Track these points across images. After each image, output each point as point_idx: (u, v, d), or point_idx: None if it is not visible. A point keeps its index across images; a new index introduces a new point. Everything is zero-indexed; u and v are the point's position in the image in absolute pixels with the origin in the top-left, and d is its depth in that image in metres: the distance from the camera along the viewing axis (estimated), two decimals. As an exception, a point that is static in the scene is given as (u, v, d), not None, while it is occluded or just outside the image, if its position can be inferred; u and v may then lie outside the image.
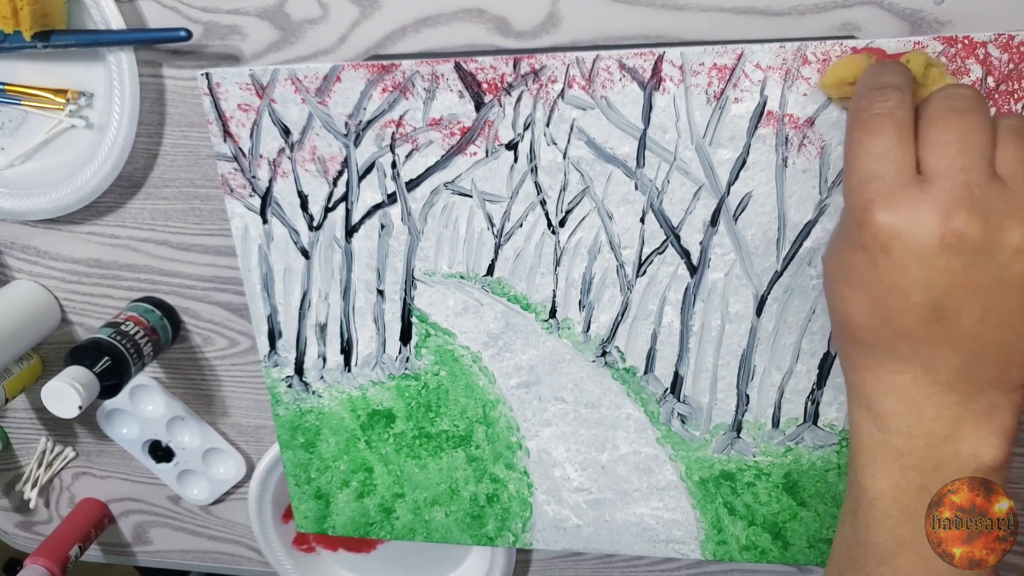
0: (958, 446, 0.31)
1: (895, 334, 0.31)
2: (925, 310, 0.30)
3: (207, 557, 0.75)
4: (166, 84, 0.53)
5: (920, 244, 0.29)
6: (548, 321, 0.47)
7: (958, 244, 0.29)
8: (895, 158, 0.30)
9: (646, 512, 0.50)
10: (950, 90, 0.31)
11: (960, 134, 0.29)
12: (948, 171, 0.29)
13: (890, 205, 0.29)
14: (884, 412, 0.32)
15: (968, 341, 0.30)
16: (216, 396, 0.65)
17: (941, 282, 0.29)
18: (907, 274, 0.30)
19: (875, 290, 0.31)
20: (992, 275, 0.29)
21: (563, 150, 0.42)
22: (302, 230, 0.47)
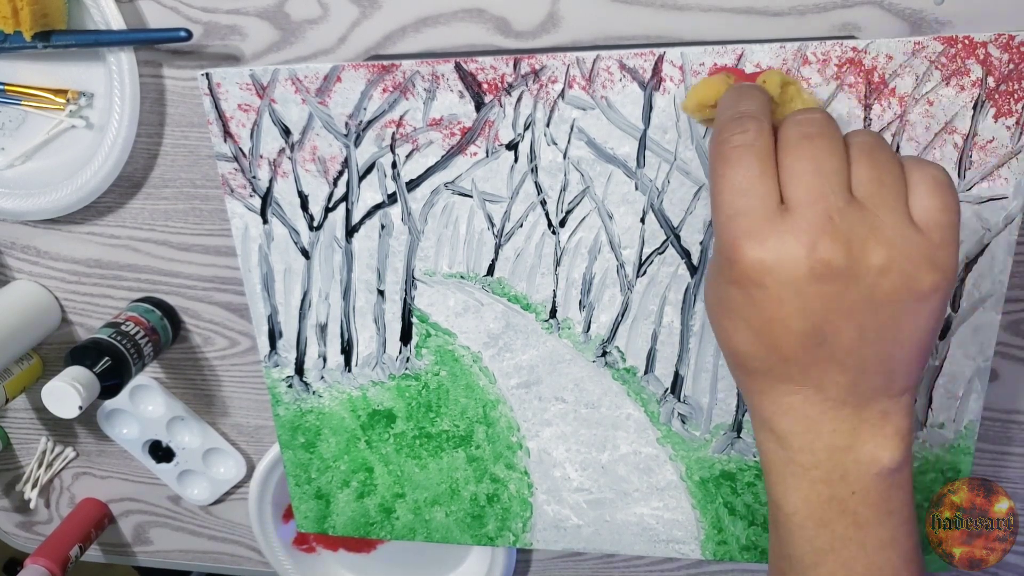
0: (858, 454, 0.32)
1: (782, 360, 0.32)
2: (806, 336, 0.31)
3: (207, 557, 0.75)
4: (166, 84, 0.53)
5: (791, 276, 0.30)
6: (548, 321, 0.47)
7: (827, 272, 0.29)
8: (757, 192, 0.30)
9: (646, 512, 0.50)
10: (801, 116, 0.32)
11: (814, 161, 0.30)
12: (807, 200, 0.30)
13: (757, 241, 0.30)
14: (784, 432, 0.33)
15: (852, 359, 0.31)
16: (216, 396, 0.65)
17: (817, 309, 0.30)
18: (783, 305, 0.30)
19: (755, 322, 0.31)
20: (863, 296, 0.30)
21: (563, 150, 0.42)
22: (302, 230, 0.47)
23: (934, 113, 0.38)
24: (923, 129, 0.39)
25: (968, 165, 0.39)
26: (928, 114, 0.38)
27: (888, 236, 0.29)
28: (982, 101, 0.38)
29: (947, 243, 0.30)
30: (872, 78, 0.38)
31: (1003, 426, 0.53)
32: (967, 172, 0.39)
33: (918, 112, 0.38)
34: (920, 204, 0.30)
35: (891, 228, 0.29)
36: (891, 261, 0.29)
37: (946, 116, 0.38)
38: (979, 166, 0.39)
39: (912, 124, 0.39)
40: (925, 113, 0.38)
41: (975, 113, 0.38)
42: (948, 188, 0.30)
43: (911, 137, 0.39)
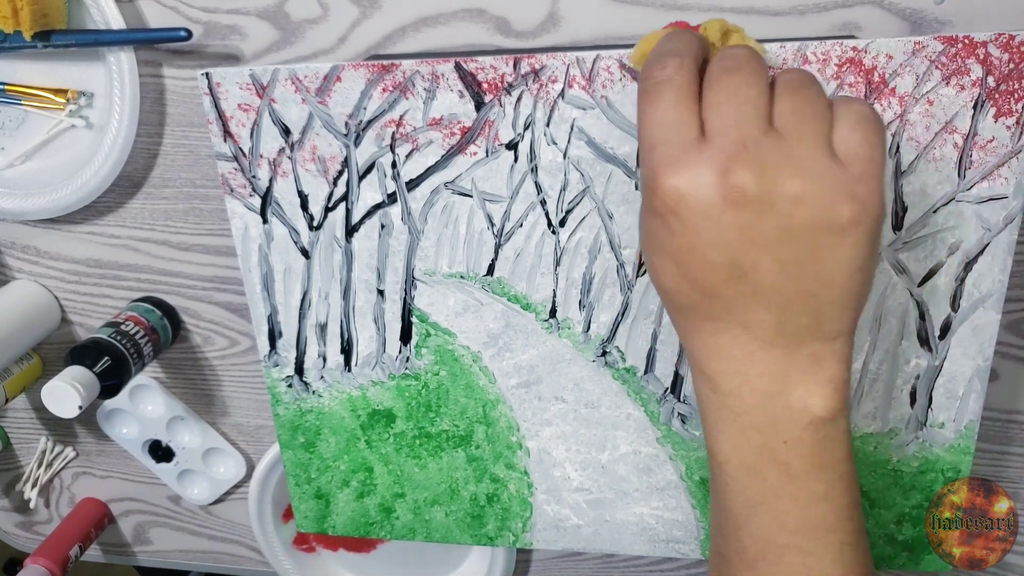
0: (788, 400, 0.31)
1: (704, 295, 0.31)
2: (724, 268, 0.30)
3: (207, 557, 0.75)
4: (166, 84, 0.53)
5: (704, 203, 0.29)
6: (548, 321, 0.47)
7: (739, 199, 0.29)
8: (675, 123, 0.30)
9: (646, 512, 0.50)
10: (725, 51, 0.32)
11: (732, 92, 0.30)
12: (723, 129, 0.29)
13: (673, 169, 0.30)
14: (714, 374, 0.33)
15: (774, 295, 0.30)
16: (216, 396, 0.65)
17: (732, 239, 0.30)
18: (699, 235, 0.30)
19: (676, 254, 0.31)
20: (778, 226, 0.29)
21: (563, 150, 0.42)
22: (302, 230, 0.47)
23: (934, 113, 0.38)
24: (923, 129, 0.39)
25: (968, 165, 0.39)
26: (928, 114, 0.38)
27: (804, 166, 0.29)
28: (982, 101, 0.38)
29: (868, 176, 0.29)
30: (872, 78, 0.38)
31: (1003, 426, 0.53)
32: (967, 172, 0.39)
33: (918, 112, 0.38)
34: (842, 137, 0.30)
35: (808, 159, 0.29)
36: (806, 191, 0.29)
37: (946, 116, 0.38)
38: (979, 166, 0.39)
39: (912, 124, 0.39)
40: (925, 113, 0.38)
41: (975, 113, 0.38)
42: (872, 122, 0.30)
43: (911, 136, 0.39)
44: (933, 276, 0.42)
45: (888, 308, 0.43)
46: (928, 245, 0.41)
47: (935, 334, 0.43)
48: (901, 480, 0.46)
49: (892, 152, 0.39)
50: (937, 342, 0.43)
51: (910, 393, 0.44)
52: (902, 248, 0.41)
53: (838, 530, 0.32)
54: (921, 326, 0.43)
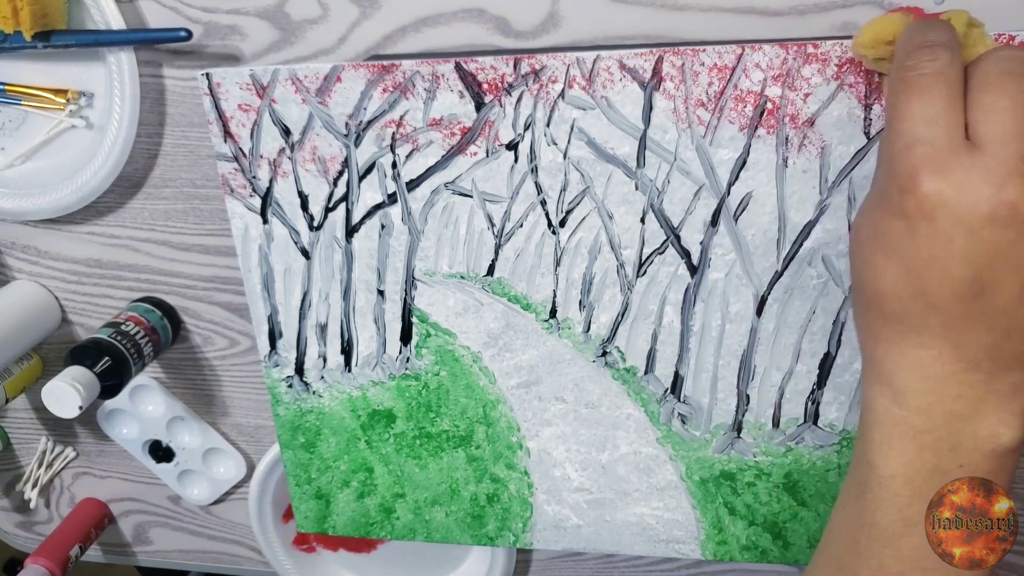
0: (977, 427, 0.30)
1: (927, 308, 0.30)
2: (963, 284, 0.29)
3: (207, 557, 0.75)
4: (166, 84, 0.53)
5: (968, 214, 0.28)
6: (548, 321, 0.47)
7: (1009, 216, 0.27)
8: (945, 122, 0.28)
9: (646, 512, 0.50)
10: (1005, 52, 0.30)
11: (1016, 100, 0.28)
12: (1003, 139, 0.28)
13: (939, 172, 0.28)
14: (905, 389, 0.31)
15: (1002, 318, 0.29)
16: (216, 396, 0.65)
17: (985, 255, 0.28)
18: (950, 245, 0.28)
19: (912, 260, 0.29)
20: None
21: (563, 150, 0.42)
22: (302, 230, 0.47)
23: (934, 113, 0.38)
24: (923, 129, 0.39)
25: (968, 165, 0.39)
26: (928, 114, 0.38)
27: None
28: (982, 101, 0.38)
29: None
30: (872, 78, 0.38)
31: (1003, 426, 0.53)
32: None
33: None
34: None
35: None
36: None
37: (946, 116, 0.38)
38: (979, 166, 0.39)
39: (912, 124, 0.39)
40: (925, 113, 0.38)
41: (975, 113, 0.38)
42: None
43: (911, 137, 0.39)
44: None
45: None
46: (928, 245, 0.41)
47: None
48: (901, 480, 0.46)
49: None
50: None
51: (910, 393, 0.44)
52: (902, 248, 0.41)
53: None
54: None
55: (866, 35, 0.35)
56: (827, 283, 0.43)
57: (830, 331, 0.44)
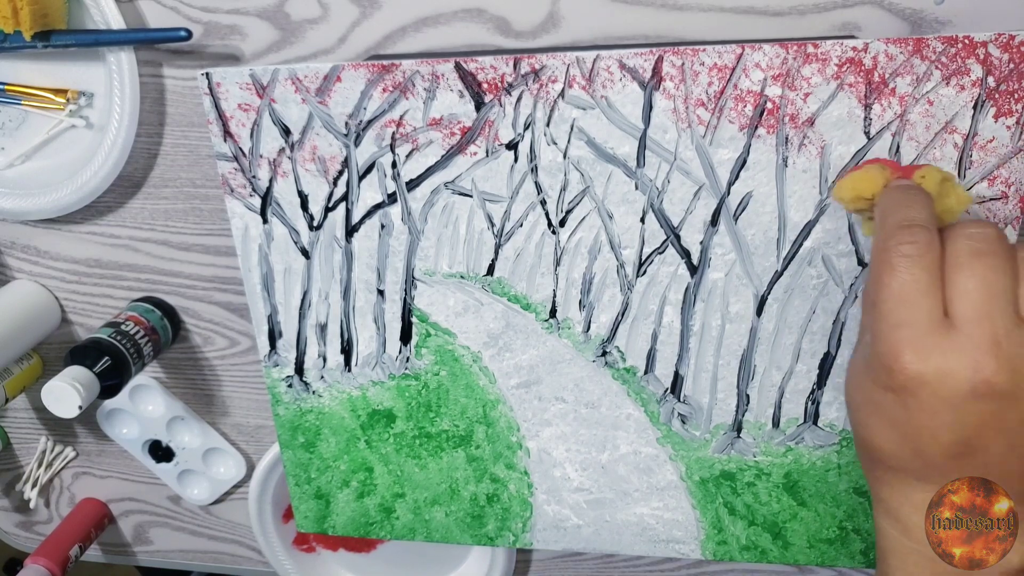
0: None
1: (925, 465, 0.32)
2: (953, 447, 0.31)
3: (207, 557, 0.75)
4: (166, 84, 0.53)
5: (950, 392, 0.30)
6: (548, 321, 0.47)
7: (988, 393, 0.29)
8: (925, 305, 0.30)
9: (646, 512, 0.50)
10: (972, 229, 0.31)
11: (984, 280, 0.30)
12: (975, 319, 0.30)
13: (919, 354, 0.30)
14: (911, 524, 0.33)
15: (996, 469, 0.31)
16: (216, 396, 0.65)
17: (971, 424, 0.30)
18: (936, 417, 0.30)
19: (904, 428, 0.32)
20: (1021, 416, 0.30)
21: (563, 150, 0.42)
22: (302, 230, 0.47)
23: (934, 113, 0.38)
24: (923, 129, 0.39)
25: (968, 165, 0.39)
26: (928, 114, 0.38)
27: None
28: (982, 101, 0.38)
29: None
30: (872, 78, 0.38)
31: (1003, 426, 0.53)
32: (967, 172, 0.39)
33: (918, 112, 0.38)
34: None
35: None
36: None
37: (946, 116, 0.38)
38: (979, 166, 0.39)
39: (912, 124, 0.39)
40: (925, 113, 0.38)
41: (975, 113, 0.38)
42: None
43: (911, 137, 0.39)
44: (933, 276, 0.42)
45: (888, 308, 0.43)
46: (928, 245, 0.41)
47: (935, 334, 0.43)
48: (901, 480, 0.46)
49: (892, 152, 0.39)
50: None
51: (910, 393, 0.44)
52: (902, 248, 0.41)
53: None
54: (921, 326, 0.43)
55: (845, 192, 0.37)
56: (827, 283, 0.43)
57: (830, 331, 0.44)
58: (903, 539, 0.34)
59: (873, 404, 0.33)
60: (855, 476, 0.47)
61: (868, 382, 0.33)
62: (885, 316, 0.31)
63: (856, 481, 0.47)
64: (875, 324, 0.32)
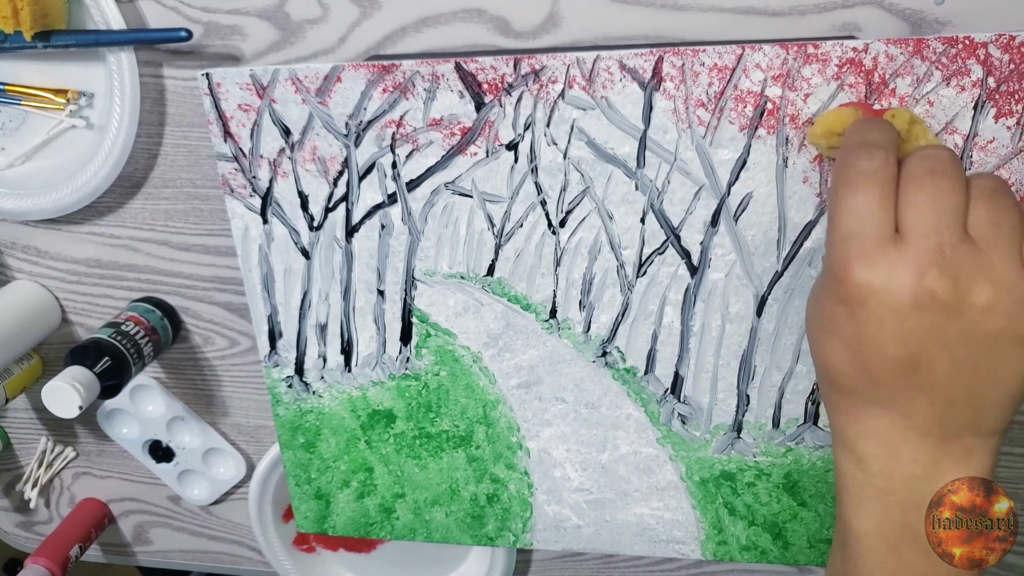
0: (936, 486, 0.33)
1: (873, 382, 0.33)
2: (900, 362, 0.32)
3: (207, 557, 0.75)
4: (166, 84, 0.53)
5: (895, 301, 0.31)
6: (548, 321, 0.47)
7: (930, 302, 0.30)
8: (875, 217, 0.31)
9: (646, 512, 0.50)
10: (928, 151, 0.33)
11: (934, 196, 0.31)
12: (922, 231, 0.31)
13: (867, 263, 0.31)
14: (865, 455, 0.34)
15: (942, 391, 0.32)
16: (216, 396, 0.65)
17: (915, 336, 0.31)
18: (883, 328, 0.31)
19: (853, 341, 0.32)
20: (963, 331, 0.31)
21: (563, 150, 0.42)
22: (302, 230, 0.47)
23: (934, 113, 0.38)
24: (923, 129, 0.39)
25: (968, 165, 0.39)
26: (928, 114, 0.38)
27: (997, 276, 0.30)
28: (982, 101, 0.38)
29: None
30: (872, 78, 0.38)
31: (1003, 426, 0.53)
32: (967, 172, 0.39)
33: (918, 112, 0.38)
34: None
35: (1001, 270, 0.30)
36: (996, 301, 0.30)
37: (946, 116, 0.38)
38: (979, 166, 0.39)
39: (912, 124, 0.39)
40: (925, 113, 0.38)
41: (975, 113, 0.38)
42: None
43: (911, 137, 0.39)
44: (933, 276, 0.42)
45: (888, 308, 0.43)
46: (928, 245, 0.41)
47: (935, 334, 0.43)
48: (901, 480, 0.46)
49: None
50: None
51: (910, 393, 0.44)
52: (902, 248, 0.41)
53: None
54: (921, 326, 0.43)
55: (819, 127, 0.38)
56: (827, 283, 0.43)
57: (830, 331, 0.44)
58: (857, 472, 0.34)
59: (825, 318, 0.33)
60: (855, 476, 0.47)
61: (823, 297, 0.34)
62: (838, 228, 0.32)
63: (856, 481, 0.47)
64: (829, 237, 0.33)
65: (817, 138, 0.38)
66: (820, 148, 0.39)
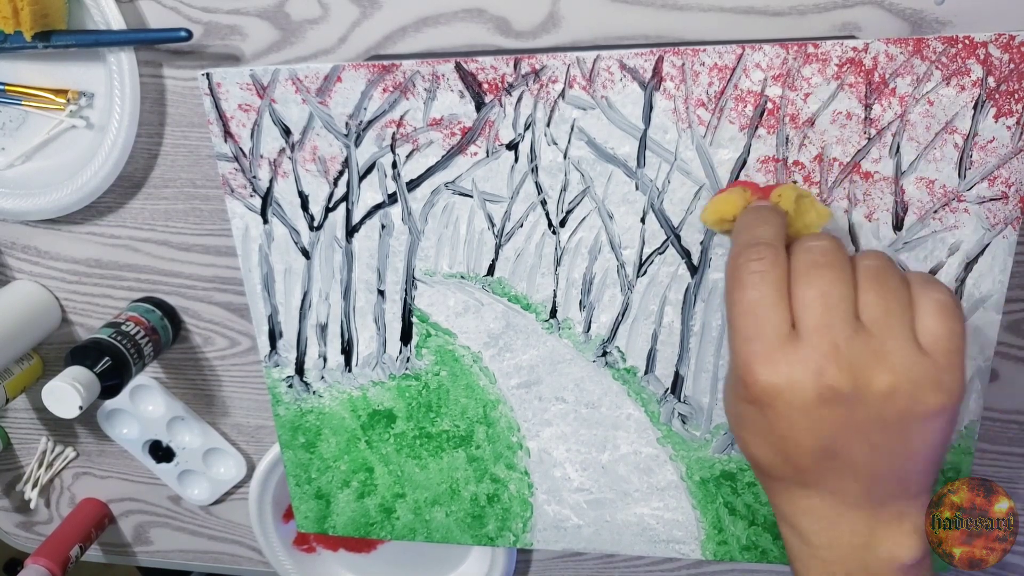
0: (877, 552, 0.34)
1: (797, 470, 0.34)
2: (818, 452, 0.32)
3: (207, 557, 0.75)
4: (166, 84, 0.53)
5: (799, 400, 0.31)
6: (549, 321, 0.47)
7: (833, 397, 0.31)
8: (771, 319, 0.32)
9: (647, 512, 0.50)
10: (810, 243, 0.33)
11: (822, 291, 0.32)
12: (815, 328, 0.31)
13: (768, 365, 0.32)
14: (806, 531, 0.35)
15: (865, 470, 0.33)
16: (216, 396, 0.65)
17: (827, 429, 0.32)
18: (794, 425, 0.32)
19: (770, 438, 0.33)
20: (871, 417, 0.31)
21: (564, 150, 0.42)
22: (303, 230, 0.47)
23: (934, 113, 0.38)
24: (923, 129, 0.39)
25: (968, 165, 0.39)
26: (928, 114, 0.38)
27: (893, 362, 0.31)
28: (982, 101, 0.38)
29: (952, 367, 0.31)
30: (872, 78, 0.38)
31: (1003, 426, 0.53)
32: (967, 172, 0.39)
33: (918, 112, 0.38)
34: (926, 329, 0.31)
35: (897, 354, 0.31)
36: (897, 386, 0.31)
37: (946, 116, 0.38)
38: (979, 166, 0.39)
39: (912, 124, 0.39)
40: (925, 113, 0.39)
41: (975, 113, 0.38)
42: (953, 312, 0.32)
43: (911, 137, 0.39)
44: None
45: (888, 308, 0.43)
46: (928, 246, 0.41)
47: (935, 334, 0.43)
48: (901, 480, 0.46)
49: (892, 153, 0.39)
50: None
51: (910, 393, 0.44)
52: (902, 248, 0.41)
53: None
54: (921, 326, 0.43)
55: (710, 215, 0.39)
56: (827, 283, 0.43)
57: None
58: (802, 546, 0.35)
59: (741, 418, 0.34)
60: (855, 476, 0.47)
61: (734, 397, 0.34)
62: (738, 331, 0.33)
63: (856, 481, 0.47)
64: (730, 339, 0.34)
65: (710, 224, 0.40)
66: (714, 231, 0.41)
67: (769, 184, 0.40)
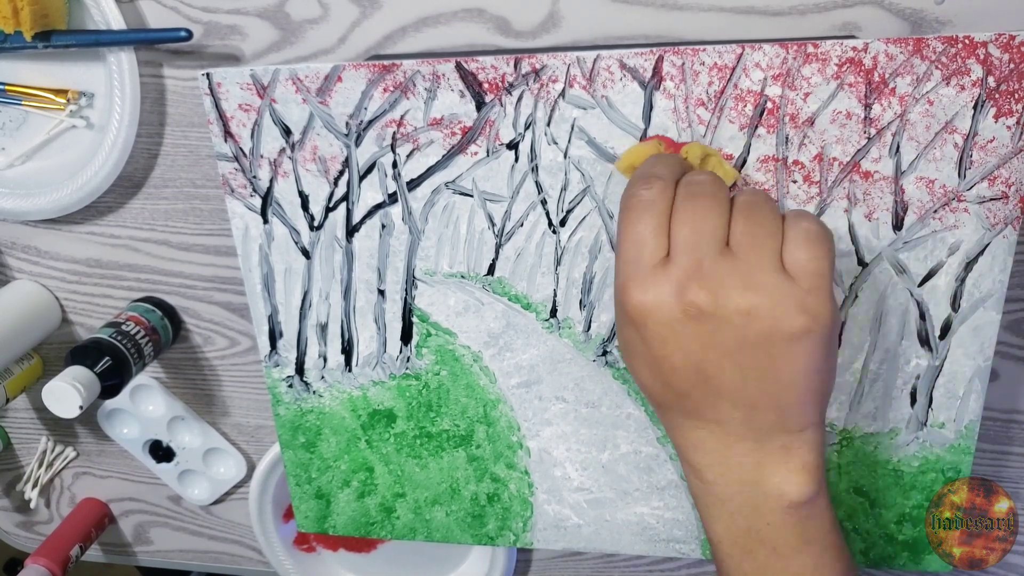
0: (765, 488, 0.34)
1: (678, 396, 0.35)
2: (691, 373, 0.33)
3: (207, 557, 0.75)
4: (166, 84, 0.53)
5: (667, 317, 0.33)
6: (549, 320, 0.47)
7: (696, 314, 0.32)
8: (648, 244, 0.33)
9: (647, 511, 0.50)
10: (691, 178, 0.35)
11: (694, 217, 0.33)
12: (683, 250, 0.33)
13: (640, 286, 0.33)
14: (698, 465, 0.36)
15: (739, 396, 0.33)
16: (217, 396, 0.65)
17: (695, 348, 0.33)
18: (666, 344, 0.33)
19: (648, 359, 0.34)
20: (735, 336, 0.32)
21: (564, 149, 0.42)
22: (303, 230, 0.47)
23: (934, 113, 0.38)
24: (923, 129, 0.39)
25: (968, 165, 0.39)
26: (928, 114, 0.39)
27: (754, 282, 0.32)
28: (982, 101, 0.38)
29: (817, 289, 0.32)
30: (872, 78, 0.38)
31: (1003, 426, 0.53)
32: (967, 172, 0.39)
33: (918, 112, 0.39)
34: (792, 254, 0.32)
35: (758, 275, 0.32)
36: (756, 305, 0.32)
37: (946, 116, 0.38)
38: (979, 166, 0.39)
39: (912, 124, 0.39)
40: (925, 113, 0.39)
41: (975, 113, 0.38)
42: (819, 238, 0.33)
43: (911, 137, 0.39)
44: (933, 276, 0.42)
45: (888, 308, 0.43)
46: (928, 245, 0.41)
47: (935, 334, 0.43)
48: (901, 480, 0.46)
49: (892, 152, 0.40)
50: (937, 342, 0.43)
51: (910, 393, 0.44)
52: (902, 248, 0.41)
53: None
54: (921, 326, 0.43)
55: (623, 161, 0.40)
56: (827, 283, 0.43)
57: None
58: (698, 482, 0.36)
59: (626, 342, 0.35)
60: (854, 476, 0.47)
61: (618, 322, 0.36)
62: (620, 256, 0.34)
63: (856, 481, 0.47)
64: (615, 265, 0.35)
65: (622, 171, 0.41)
66: (626, 179, 0.41)
67: (684, 142, 0.40)
